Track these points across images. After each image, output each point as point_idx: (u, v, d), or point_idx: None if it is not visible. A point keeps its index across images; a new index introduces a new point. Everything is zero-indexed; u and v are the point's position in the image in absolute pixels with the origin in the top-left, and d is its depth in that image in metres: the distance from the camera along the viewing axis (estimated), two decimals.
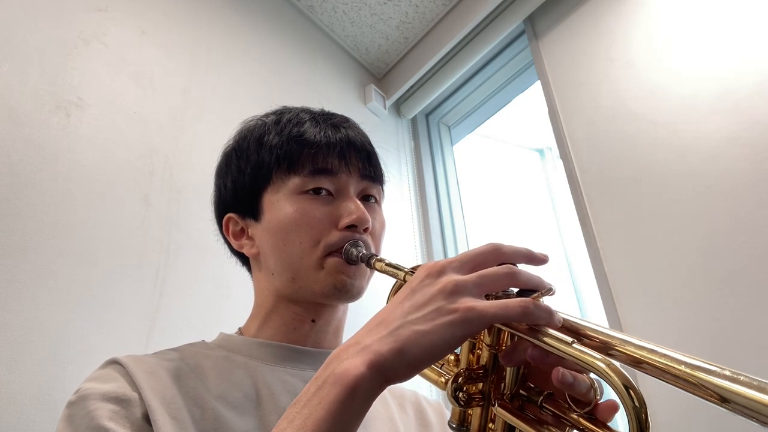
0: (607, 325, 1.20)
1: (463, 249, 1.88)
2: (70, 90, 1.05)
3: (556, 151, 1.90)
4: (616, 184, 1.32)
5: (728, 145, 1.13)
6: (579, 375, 0.38)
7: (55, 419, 0.48)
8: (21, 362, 0.79)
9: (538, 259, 0.42)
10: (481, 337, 0.43)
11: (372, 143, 0.69)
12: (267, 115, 0.69)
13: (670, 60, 1.31)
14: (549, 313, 0.37)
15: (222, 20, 1.53)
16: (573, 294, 1.80)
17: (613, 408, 0.37)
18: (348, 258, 0.58)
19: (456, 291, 0.37)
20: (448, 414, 0.68)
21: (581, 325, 0.38)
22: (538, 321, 0.37)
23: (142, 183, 1.10)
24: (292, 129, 0.63)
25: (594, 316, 1.71)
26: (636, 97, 1.35)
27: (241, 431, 0.50)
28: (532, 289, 0.39)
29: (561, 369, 0.38)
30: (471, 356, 0.44)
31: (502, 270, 0.39)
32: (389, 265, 0.54)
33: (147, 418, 0.47)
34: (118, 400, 0.47)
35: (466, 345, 0.44)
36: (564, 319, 0.38)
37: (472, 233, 1.95)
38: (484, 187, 2.17)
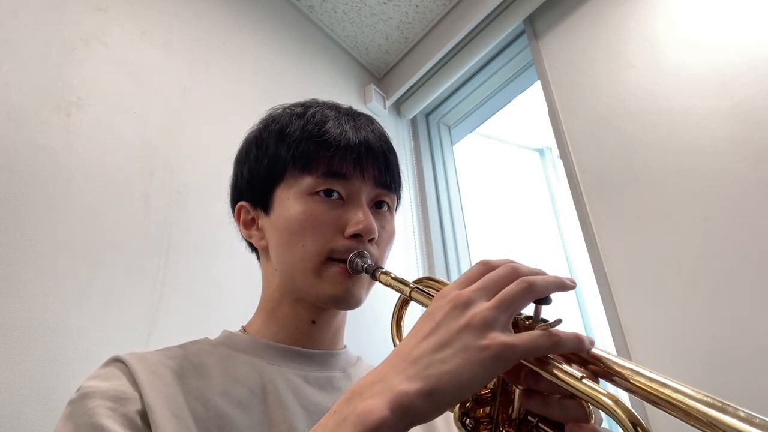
0: (608, 328, 1.20)
1: (463, 249, 1.88)
2: (70, 90, 1.05)
3: (556, 151, 1.90)
4: (616, 184, 1.32)
5: (728, 145, 1.13)
6: (587, 427, 0.37)
7: (55, 420, 0.48)
8: (21, 362, 0.79)
9: (568, 287, 0.39)
10: None
11: (393, 149, 0.67)
12: (295, 105, 0.68)
13: (670, 60, 1.31)
14: (578, 339, 0.37)
15: (222, 20, 1.53)
16: (573, 294, 1.80)
17: None
18: (352, 268, 0.58)
19: (485, 325, 0.36)
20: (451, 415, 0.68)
21: (591, 353, 0.37)
22: (569, 350, 0.37)
23: (142, 183, 1.10)
24: (313, 127, 0.62)
25: (594, 316, 1.71)
26: (636, 97, 1.35)
27: (246, 426, 0.50)
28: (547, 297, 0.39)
29: (570, 426, 0.37)
30: None
31: (518, 288, 0.38)
32: (395, 279, 0.54)
33: (143, 417, 0.47)
34: (118, 398, 0.47)
35: None
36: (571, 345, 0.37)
37: (472, 233, 1.95)
38: (484, 187, 2.16)
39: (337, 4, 1.88)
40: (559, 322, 0.38)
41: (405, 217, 1.86)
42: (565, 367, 0.36)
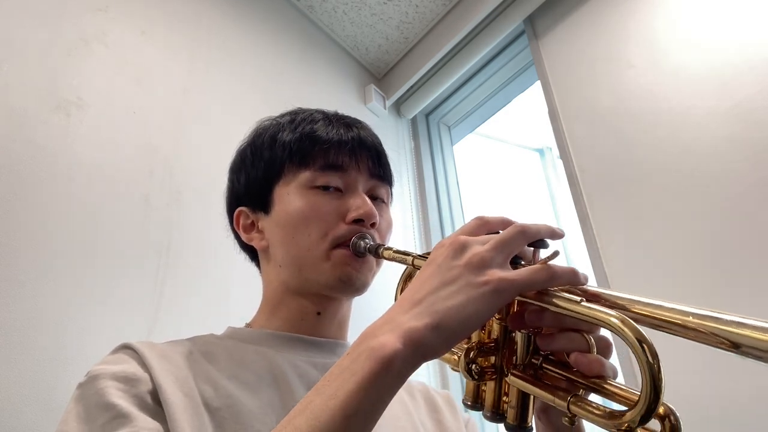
0: None
1: None
2: (70, 90, 1.05)
3: (556, 151, 1.90)
4: (616, 184, 1.32)
5: (728, 145, 1.13)
6: (590, 356, 0.39)
7: (56, 420, 0.48)
8: (21, 362, 0.79)
9: (558, 234, 0.43)
10: None
11: (382, 145, 0.70)
12: (282, 115, 0.71)
13: (670, 60, 1.31)
14: (573, 272, 0.39)
15: (222, 20, 1.53)
16: None
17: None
18: (356, 250, 0.59)
19: (483, 263, 0.38)
20: (456, 403, 0.69)
21: (586, 288, 0.39)
22: (565, 283, 0.39)
23: (142, 183, 1.10)
24: (305, 127, 0.65)
25: None
26: (636, 97, 1.35)
27: (255, 408, 0.51)
28: (542, 240, 0.41)
29: (574, 355, 0.39)
30: (482, 332, 0.45)
31: (513, 231, 0.41)
32: (398, 252, 0.55)
33: (154, 396, 0.47)
34: (128, 379, 0.47)
35: None
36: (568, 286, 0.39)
37: None
38: (484, 187, 2.16)
39: (337, 4, 1.88)
40: (555, 254, 0.39)
41: (405, 216, 1.86)
42: (565, 294, 0.38)
